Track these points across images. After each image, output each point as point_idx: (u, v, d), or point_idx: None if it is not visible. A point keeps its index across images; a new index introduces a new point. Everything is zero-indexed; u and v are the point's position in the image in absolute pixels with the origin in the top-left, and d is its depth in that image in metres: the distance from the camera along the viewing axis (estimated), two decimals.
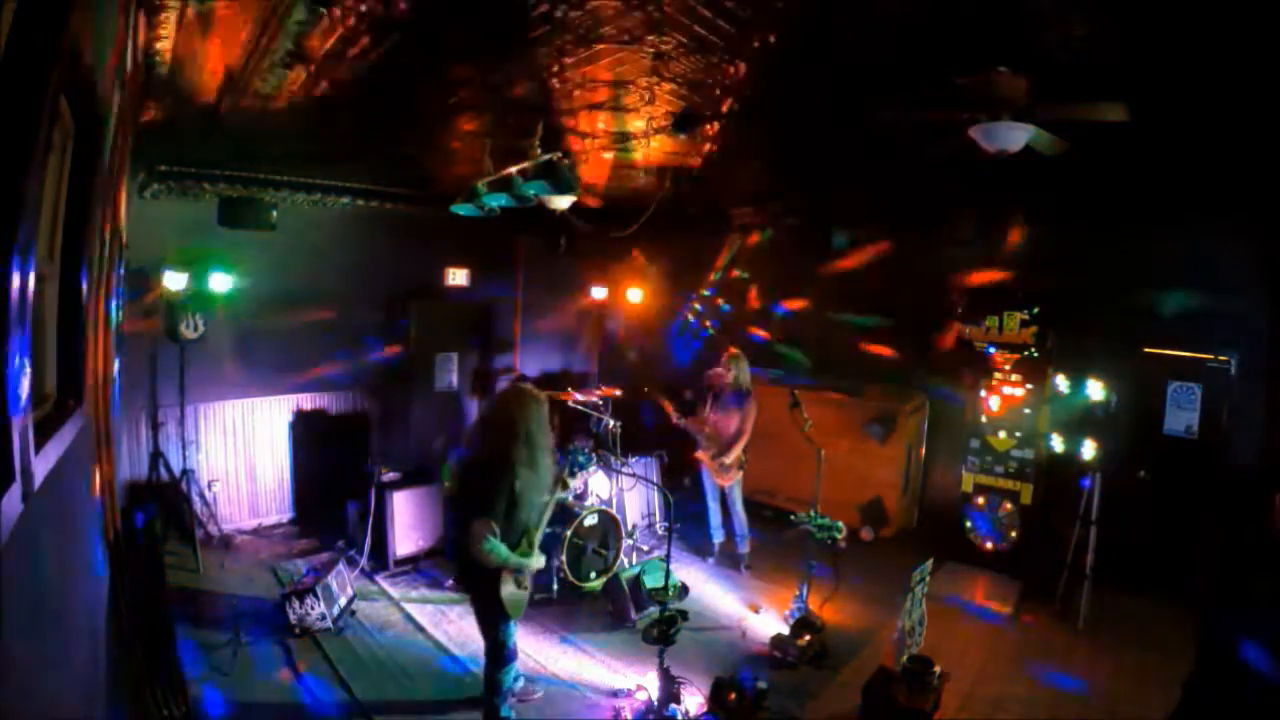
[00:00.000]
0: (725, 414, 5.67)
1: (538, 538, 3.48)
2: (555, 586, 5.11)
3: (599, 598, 5.06)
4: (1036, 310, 5.62)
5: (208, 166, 5.54)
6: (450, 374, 7.57)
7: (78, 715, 1.73)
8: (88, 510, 2.52)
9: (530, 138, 4.14)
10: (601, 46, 2.97)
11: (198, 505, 5.72)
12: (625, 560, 5.55)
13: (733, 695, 3.66)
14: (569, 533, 5.01)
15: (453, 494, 3.51)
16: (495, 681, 3.47)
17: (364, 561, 5.43)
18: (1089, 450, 5.15)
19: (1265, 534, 2.61)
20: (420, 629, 4.67)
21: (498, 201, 4.46)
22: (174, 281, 5.32)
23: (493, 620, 3.41)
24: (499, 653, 3.44)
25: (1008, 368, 5.81)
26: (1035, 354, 5.66)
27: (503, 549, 3.19)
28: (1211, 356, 5.25)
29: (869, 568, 5.78)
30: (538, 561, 3.49)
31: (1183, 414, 5.36)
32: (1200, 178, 4.54)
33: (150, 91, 3.43)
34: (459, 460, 3.61)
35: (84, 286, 2.12)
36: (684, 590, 5.26)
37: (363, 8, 2.57)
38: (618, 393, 6.70)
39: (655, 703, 3.71)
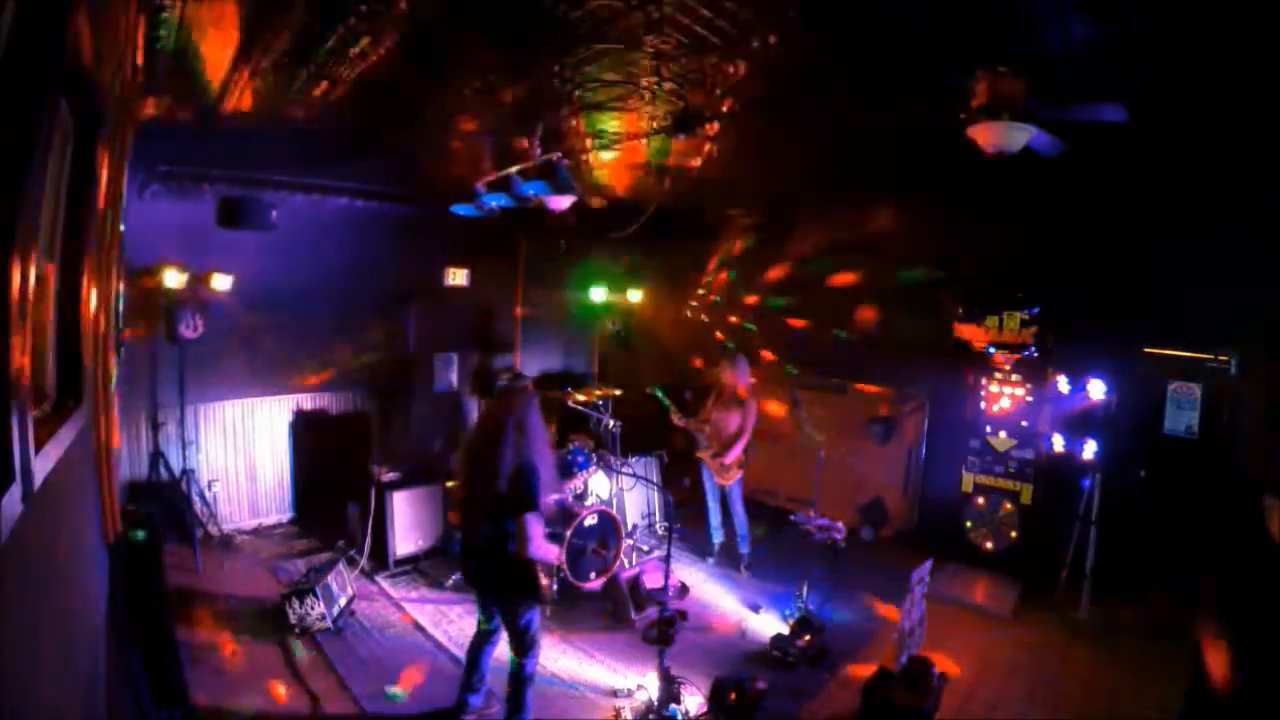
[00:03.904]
0: (725, 413, 5.67)
1: None
2: (555, 586, 5.11)
3: (599, 598, 5.06)
4: (1036, 310, 5.61)
5: (207, 166, 5.53)
6: (450, 374, 7.55)
7: (77, 716, 1.72)
8: (88, 510, 2.52)
9: (530, 137, 4.14)
10: (601, 47, 2.96)
11: (198, 505, 5.72)
12: (625, 560, 5.55)
13: (733, 695, 3.66)
14: (569, 533, 5.00)
15: (473, 494, 3.45)
16: (525, 669, 3.44)
17: (364, 561, 5.44)
18: (1089, 450, 5.15)
19: (1264, 535, 2.61)
20: (420, 629, 4.67)
21: (498, 201, 4.48)
22: (174, 281, 5.33)
23: (527, 610, 3.40)
24: (532, 642, 3.43)
25: (1008, 368, 5.81)
26: (1035, 354, 5.66)
27: (546, 543, 3.37)
28: (1211, 356, 5.24)
29: (869, 568, 5.78)
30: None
31: (1183, 414, 5.35)
32: (1200, 177, 4.54)
33: (150, 91, 3.43)
34: (470, 460, 3.53)
35: (84, 286, 2.12)
36: (684, 590, 5.26)
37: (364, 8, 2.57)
38: (618, 392, 6.69)
39: (655, 703, 3.71)
